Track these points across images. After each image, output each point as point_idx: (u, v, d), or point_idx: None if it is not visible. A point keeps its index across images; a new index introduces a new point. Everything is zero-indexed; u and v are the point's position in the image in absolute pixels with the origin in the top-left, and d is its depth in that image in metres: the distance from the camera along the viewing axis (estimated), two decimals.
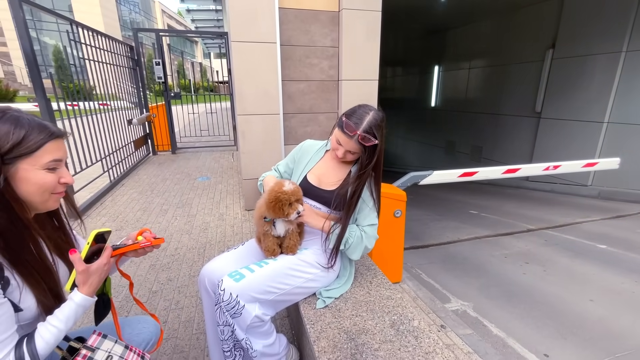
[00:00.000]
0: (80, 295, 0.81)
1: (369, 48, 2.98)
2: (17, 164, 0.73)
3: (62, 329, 0.77)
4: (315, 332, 1.07)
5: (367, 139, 1.14)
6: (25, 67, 10.96)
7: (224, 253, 1.30)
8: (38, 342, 0.74)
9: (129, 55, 5.22)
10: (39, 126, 0.76)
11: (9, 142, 0.71)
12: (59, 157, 0.79)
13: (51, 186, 0.78)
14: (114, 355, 0.87)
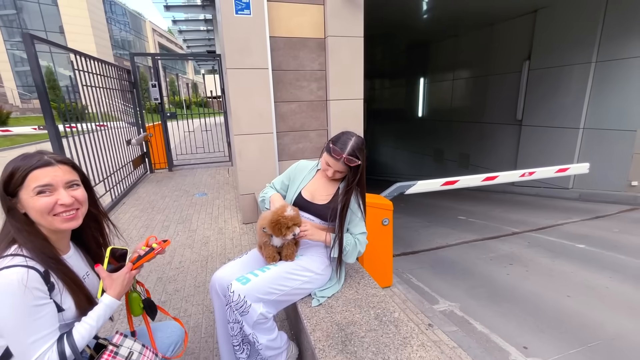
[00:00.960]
0: (108, 298, 0.99)
1: (354, 70, 3.25)
2: (19, 195, 0.90)
3: (94, 325, 0.95)
4: (311, 325, 1.26)
5: (351, 161, 1.37)
6: (19, 87, 11.09)
7: (230, 261, 1.50)
8: (76, 336, 0.91)
9: (127, 79, 5.44)
10: (21, 159, 0.91)
11: (4, 178, 0.89)
12: (45, 182, 0.89)
13: (46, 209, 0.90)
14: (134, 352, 1.05)
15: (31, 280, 0.83)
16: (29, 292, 0.82)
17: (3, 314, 0.81)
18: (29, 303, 0.83)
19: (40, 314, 0.85)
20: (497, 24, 7.35)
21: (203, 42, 11.14)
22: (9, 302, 0.80)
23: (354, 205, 1.46)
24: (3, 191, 0.89)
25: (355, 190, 1.46)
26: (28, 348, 0.83)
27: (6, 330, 0.82)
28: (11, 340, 0.84)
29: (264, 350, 1.30)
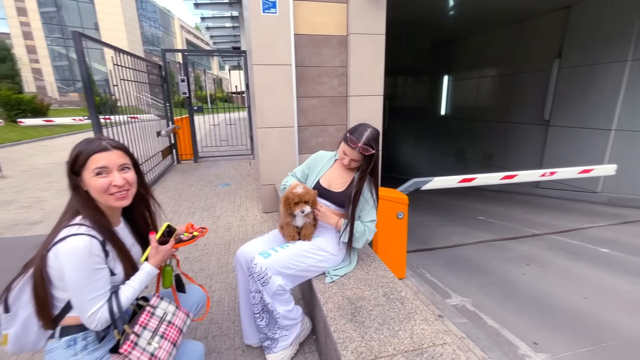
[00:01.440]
0: (149, 266, 1.16)
1: (375, 67, 3.32)
2: (82, 175, 1.06)
3: (137, 289, 1.12)
4: (324, 298, 1.39)
5: (366, 149, 1.48)
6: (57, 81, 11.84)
7: (253, 239, 1.65)
8: (122, 297, 1.08)
9: (158, 74, 5.75)
10: (86, 143, 1.07)
11: (72, 159, 1.06)
12: (102, 165, 1.04)
13: (102, 188, 1.04)
14: (168, 313, 1.21)
15: (93, 247, 1.00)
16: (92, 257, 0.99)
17: (70, 273, 0.97)
18: (90, 267, 0.99)
19: (98, 277, 1.01)
20: (526, 20, 7.14)
21: (229, 38, 11.45)
22: (76, 264, 0.97)
23: (366, 194, 1.56)
24: (70, 171, 1.06)
25: (368, 180, 1.57)
26: (86, 304, 1.00)
27: (70, 287, 0.99)
28: (73, 296, 1.00)
29: (281, 319, 1.45)
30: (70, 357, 1.03)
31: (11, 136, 10.35)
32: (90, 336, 1.07)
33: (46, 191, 4.78)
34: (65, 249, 0.97)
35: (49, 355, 1.04)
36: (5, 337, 1.04)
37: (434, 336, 1.15)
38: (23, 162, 7.15)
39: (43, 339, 1.08)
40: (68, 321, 1.05)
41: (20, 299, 1.02)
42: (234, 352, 1.63)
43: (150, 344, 1.10)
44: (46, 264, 0.99)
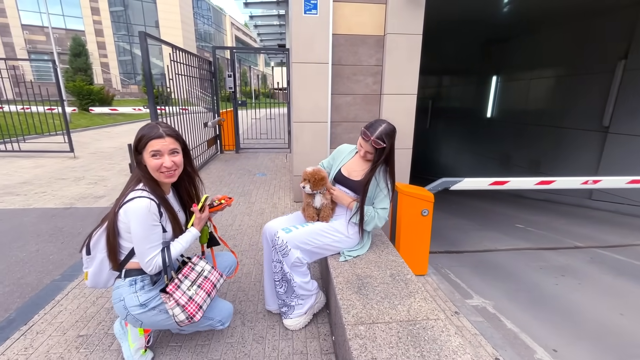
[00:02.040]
0: (194, 229, 1.44)
1: (410, 66, 3.38)
2: (143, 154, 1.33)
3: (184, 246, 1.40)
4: (336, 273, 1.56)
5: (377, 143, 1.62)
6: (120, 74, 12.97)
7: (278, 217, 1.86)
8: (172, 250, 1.36)
9: (208, 69, 6.23)
10: (149, 129, 1.34)
11: (136, 140, 1.33)
12: (157, 149, 1.30)
13: (155, 168, 1.31)
14: (205, 270, 1.49)
15: (152, 208, 1.28)
16: (150, 215, 1.27)
17: (135, 227, 1.26)
18: (149, 222, 1.28)
19: (154, 231, 1.30)
20: (589, 18, 6.61)
21: (275, 36, 11.90)
22: (140, 219, 1.26)
23: (382, 183, 1.70)
24: (134, 149, 1.34)
25: (384, 171, 1.70)
26: (145, 251, 1.29)
27: (134, 238, 1.28)
28: (136, 245, 1.29)
29: (297, 289, 1.64)
30: (132, 293, 1.34)
31: (82, 122, 11.72)
32: (146, 279, 1.37)
33: (109, 171, 5.45)
34: (132, 207, 1.25)
35: (116, 290, 1.36)
36: (86, 274, 1.39)
37: (429, 312, 1.26)
38: (91, 145, 8.12)
39: (112, 278, 1.42)
40: (131, 266, 1.36)
41: (98, 244, 1.34)
42: (256, 315, 1.85)
43: (190, 290, 1.37)
44: (117, 219, 1.28)
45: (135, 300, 1.33)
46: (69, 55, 16.77)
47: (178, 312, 1.32)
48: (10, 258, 2.61)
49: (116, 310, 1.37)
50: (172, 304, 1.31)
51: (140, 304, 1.34)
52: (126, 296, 1.33)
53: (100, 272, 1.37)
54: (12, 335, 1.65)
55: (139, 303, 1.33)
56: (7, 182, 4.65)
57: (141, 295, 1.34)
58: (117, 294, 1.35)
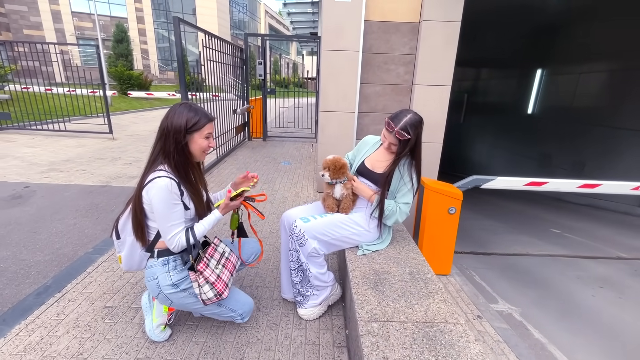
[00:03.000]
0: (217, 212, 1.45)
1: (445, 56, 3.20)
2: (193, 134, 1.37)
3: (206, 227, 1.42)
4: (352, 267, 1.52)
5: (401, 134, 1.54)
6: (159, 61, 13.36)
7: (298, 206, 1.84)
8: (196, 231, 1.38)
9: (239, 56, 6.29)
10: (204, 114, 1.41)
11: (192, 122, 1.36)
12: (210, 131, 1.42)
13: (205, 148, 1.42)
14: (226, 251, 1.53)
15: (173, 186, 1.31)
16: (171, 194, 1.30)
17: (156, 205, 1.30)
18: (170, 201, 1.30)
19: (175, 209, 1.33)
20: None
21: (308, 24, 11.78)
22: (160, 198, 1.29)
23: (406, 177, 1.61)
24: (184, 129, 1.35)
25: (410, 164, 1.61)
26: (167, 229, 1.32)
27: (157, 216, 1.32)
28: (158, 223, 1.33)
29: (313, 279, 1.62)
30: (164, 273, 1.39)
31: (121, 106, 12.35)
32: (178, 259, 1.42)
33: (143, 153, 5.71)
34: (153, 187, 1.28)
35: (149, 269, 1.41)
36: (119, 257, 1.46)
37: (448, 315, 1.20)
38: (128, 128, 8.54)
39: (144, 260, 1.47)
40: (161, 245, 1.40)
41: (126, 228, 1.41)
42: (271, 302, 1.86)
43: (217, 268, 1.42)
44: (141, 200, 1.32)
45: (169, 280, 1.38)
46: (112, 41, 17.63)
47: (207, 289, 1.37)
48: (51, 229, 2.80)
49: (148, 288, 1.43)
50: (202, 281, 1.36)
51: (172, 284, 1.39)
52: (159, 275, 1.38)
53: (132, 254, 1.44)
54: (47, 301, 1.78)
55: (171, 282, 1.39)
56: (53, 159, 5.01)
57: (174, 275, 1.39)
58: (151, 273, 1.40)
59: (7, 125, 6.93)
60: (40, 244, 2.56)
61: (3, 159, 4.84)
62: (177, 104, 1.41)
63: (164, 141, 1.36)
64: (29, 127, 6.92)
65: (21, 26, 20.48)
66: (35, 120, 6.97)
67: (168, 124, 1.35)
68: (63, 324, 1.62)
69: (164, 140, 1.35)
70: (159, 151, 1.37)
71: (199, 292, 1.36)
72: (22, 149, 5.54)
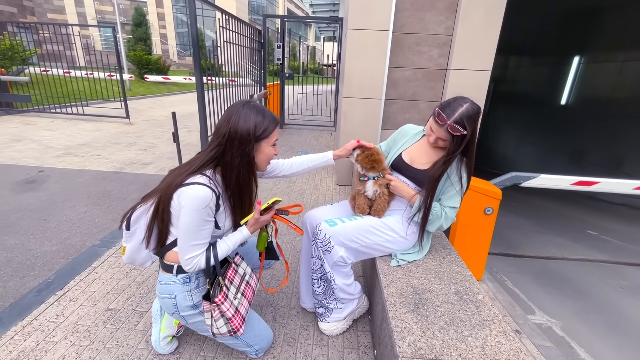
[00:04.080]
0: (245, 230, 1.22)
1: (487, 36, 2.84)
2: (261, 142, 1.15)
3: (230, 247, 1.19)
4: (386, 281, 1.29)
5: (455, 129, 1.25)
6: (177, 46, 13.32)
7: (323, 206, 1.61)
8: (218, 250, 1.16)
9: (257, 39, 6.02)
10: (272, 117, 1.18)
11: (262, 129, 1.13)
12: (277, 138, 1.21)
13: (271, 157, 1.22)
14: (247, 273, 1.32)
15: (211, 201, 1.07)
16: (206, 210, 1.07)
17: (185, 216, 1.06)
18: (202, 217, 1.07)
19: (205, 227, 1.10)
20: None
21: (328, 7, 11.34)
22: (194, 210, 1.05)
23: (454, 177, 1.35)
24: (253, 137, 1.12)
25: (459, 161, 1.35)
26: (188, 248, 1.10)
27: (180, 229, 1.08)
28: (180, 237, 1.10)
29: (338, 292, 1.40)
30: (185, 292, 1.19)
31: (140, 90, 12.35)
32: (201, 277, 1.21)
33: (158, 139, 5.60)
34: (190, 194, 1.05)
35: (165, 286, 1.19)
36: (124, 249, 1.25)
37: (512, 355, 0.96)
38: (145, 113, 8.48)
39: (150, 260, 1.27)
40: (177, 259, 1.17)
41: (138, 221, 1.19)
42: (289, 311, 1.67)
43: (235, 299, 1.20)
44: (170, 201, 1.09)
45: (189, 300, 1.19)
46: (130, 25, 17.61)
47: (221, 324, 1.16)
48: (61, 217, 2.70)
49: (162, 305, 1.23)
50: (217, 314, 1.14)
51: (193, 305, 1.20)
52: (178, 294, 1.18)
53: (138, 251, 1.23)
54: (47, 300, 1.64)
55: (192, 303, 1.19)
56: (70, 143, 4.96)
57: (195, 295, 1.20)
58: (167, 290, 1.19)
59: (28, 107, 6.98)
60: (49, 232, 2.45)
61: (21, 142, 4.82)
62: (239, 103, 1.15)
63: (223, 150, 1.11)
64: (48, 110, 6.93)
65: (45, 10, 20.77)
66: (55, 103, 6.98)
67: (231, 130, 1.09)
68: (62, 328, 1.47)
69: (223, 150, 1.11)
70: (212, 159, 1.12)
71: (211, 323, 1.16)
72: (41, 132, 5.53)
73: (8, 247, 2.23)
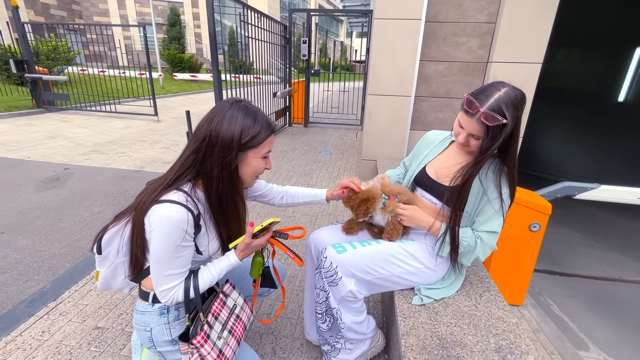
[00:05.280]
0: (234, 257, 1.00)
1: (538, 24, 2.44)
2: (247, 152, 0.92)
3: (215, 277, 0.98)
4: (405, 327, 1.02)
5: (491, 118, 0.93)
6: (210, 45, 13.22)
7: (332, 225, 1.37)
8: (200, 281, 0.95)
9: (282, 34, 5.84)
10: (266, 123, 0.94)
11: (249, 135, 0.90)
12: (270, 149, 0.98)
13: (260, 171, 0.98)
14: (237, 305, 1.10)
15: (188, 223, 0.86)
16: (180, 233, 0.86)
17: (157, 242, 0.86)
18: (176, 242, 0.87)
19: (181, 254, 0.90)
20: None
21: (360, 0, 11.01)
22: (165, 235, 0.85)
23: (492, 193, 1.05)
24: (237, 145, 0.89)
25: (499, 170, 1.04)
26: (162, 278, 0.90)
27: (152, 256, 0.89)
28: (152, 266, 0.91)
29: (345, 331, 1.16)
30: (163, 325, 1.00)
31: (172, 88, 12.72)
32: (181, 307, 1.02)
33: (183, 137, 5.61)
34: (160, 214, 0.85)
35: (140, 316, 1.02)
36: (97, 274, 1.07)
37: None
38: (175, 110, 8.65)
39: (127, 286, 1.09)
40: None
41: (111, 244, 1.00)
42: (291, 342, 1.44)
43: (220, 339, 0.99)
44: (142, 222, 0.89)
45: (166, 335, 1.00)
46: (166, 25, 18.24)
47: None
48: (75, 217, 2.67)
49: (139, 337, 1.05)
50: (195, 358, 0.94)
51: (172, 340, 1.01)
52: (154, 327, 1.00)
53: (113, 277, 1.05)
54: (37, 312, 1.55)
55: (170, 338, 1.00)
56: (99, 140, 5.08)
57: (174, 327, 1.01)
58: (142, 321, 1.01)
59: (67, 105, 7.32)
60: (60, 233, 2.42)
61: (55, 139, 5.00)
62: (227, 102, 0.94)
63: (203, 157, 0.90)
64: (84, 108, 7.24)
65: (91, 13, 22.13)
66: (91, 101, 7.27)
67: (212, 134, 0.88)
68: (44, 348, 1.35)
69: (203, 157, 0.90)
70: (190, 167, 0.91)
71: None
72: (75, 129, 5.74)
73: (19, 248, 2.21)
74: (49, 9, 18.64)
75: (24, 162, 3.91)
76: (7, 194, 3.04)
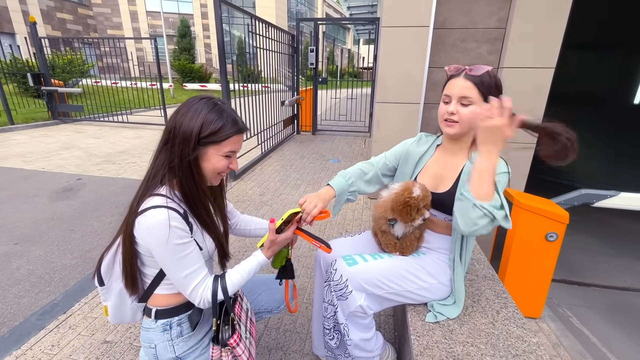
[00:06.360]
0: (262, 256, 1.00)
1: (550, 28, 2.39)
2: (208, 148, 0.90)
3: (245, 277, 0.97)
4: (419, 346, 0.98)
5: (476, 68, 0.97)
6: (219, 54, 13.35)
7: (342, 237, 1.34)
8: (228, 282, 0.94)
9: (290, 43, 5.89)
10: (232, 121, 0.91)
11: (209, 130, 0.88)
12: (236, 149, 0.95)
13: (222, 169, 0.95)
14: (248, 308, 1.11)
15: (175, 220, 0.86)
16: (174, 231, 0.85)
17: (157, 249, 0.86)
18: (174, 241, 0.86)
19: (186, 251, 0.88)
20: None
21: (366, 8, 11.08)
22: (160, 239, 0.84)
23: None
24: (196, 139, 0.88)
25: None
26: (183, 281, 0.90)
27: (163, 267, 0.89)
28: (168, 274, 0.90)
29: (352, 348, 1.12)
30: (166, 341, 0.98)
31: (183, 98, 12.96)
32: (184, 322, 1.00)
33: None
34: (146, 224, 0.85)
35: (146, 333, 1.01)
36: (105, 309, 1.04)
37: None
38: None
39: (139, 311, 1.06)
40: (159, 302, 0.99)
41: (111, 271, 0.98)
42: (301, 358, 1.41)
43: (246, 339, 0.99)
44: (132, 239, 0.89)
45: (170, 352, 0.98)
46: (176, 36, 18.67)
47: None
48: (87, 228, 2.70)
49: (145, 354, 1.03)
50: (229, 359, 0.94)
51: (175, 357, 0.99)
52: (158, 344, 0.98)
53: (122, 305, 1.02)
54: (47, 325, 1.55)
55: (174, 356, 0.99)
56: (111, 150, 5.17)
57: (178, 345, 0.99)
58: (147, 338, 1.00)
59: (81, 117, 7.51)
60: (72, 244, 2.45)
61: (69, 150, 5.12)
62: (198, 97, 0.94)
63: (169, 149, 0.90)
64: (97, 119, 7.41)
65: (105, 27, 22.84)
66: (103, 112, 7.44)
67: (176, 124, 0.89)
68: None
69: (169, 148, 0.90)
70: (162, 164, 0.91)
71: None
72: (88, 139, 5.87)
73: (32, 259, 2.24)
74: (65, 24, 19.33)
75: (39, 173, 4.00)
76: (22, 205, 3.11)
